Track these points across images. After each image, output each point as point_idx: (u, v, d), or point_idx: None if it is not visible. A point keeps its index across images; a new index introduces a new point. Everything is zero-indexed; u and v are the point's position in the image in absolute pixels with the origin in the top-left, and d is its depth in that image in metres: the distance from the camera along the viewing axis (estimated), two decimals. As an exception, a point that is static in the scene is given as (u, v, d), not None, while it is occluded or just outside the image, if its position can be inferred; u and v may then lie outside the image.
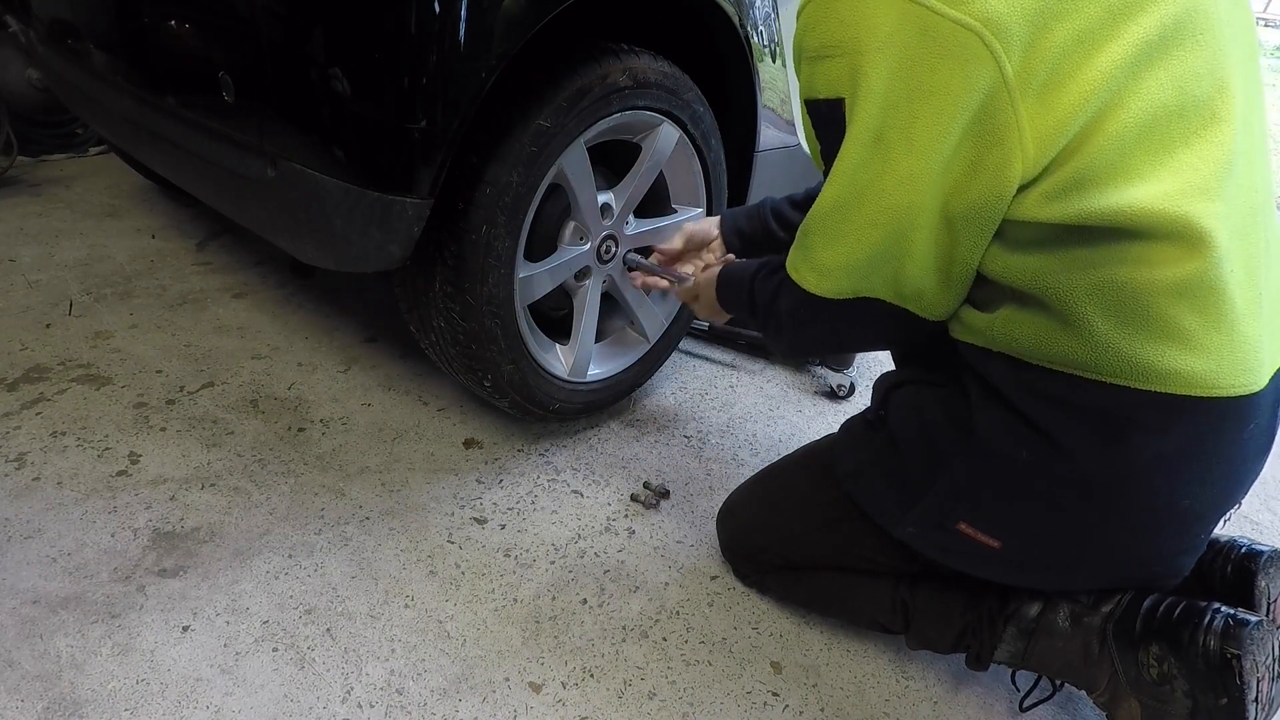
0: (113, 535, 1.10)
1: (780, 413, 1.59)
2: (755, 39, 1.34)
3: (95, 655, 0.93)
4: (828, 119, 0.78)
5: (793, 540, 1.06)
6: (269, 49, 0.97)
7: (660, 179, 1.38)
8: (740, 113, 1.42)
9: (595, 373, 1.41)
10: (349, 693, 0.93)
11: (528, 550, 1.17)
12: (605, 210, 1.29)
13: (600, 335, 1.45)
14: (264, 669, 0.94)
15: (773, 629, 1.09)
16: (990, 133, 0.70)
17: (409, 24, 0.89)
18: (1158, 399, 0.73)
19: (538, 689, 0.96)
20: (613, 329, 1.50)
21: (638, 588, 1.13)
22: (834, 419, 1.58)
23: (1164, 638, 0.83)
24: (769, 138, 1.48)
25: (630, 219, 1.35)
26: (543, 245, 1.25)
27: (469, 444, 1.38)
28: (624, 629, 1.06)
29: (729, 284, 1.06)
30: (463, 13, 0.90)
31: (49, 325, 1.58)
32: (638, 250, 1.36)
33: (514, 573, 1.13)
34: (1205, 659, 0.80)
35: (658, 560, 1.18)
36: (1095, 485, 0.78)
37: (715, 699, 0.98)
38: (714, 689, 0.99)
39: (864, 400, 1.65)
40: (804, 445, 1.14)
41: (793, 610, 1.11)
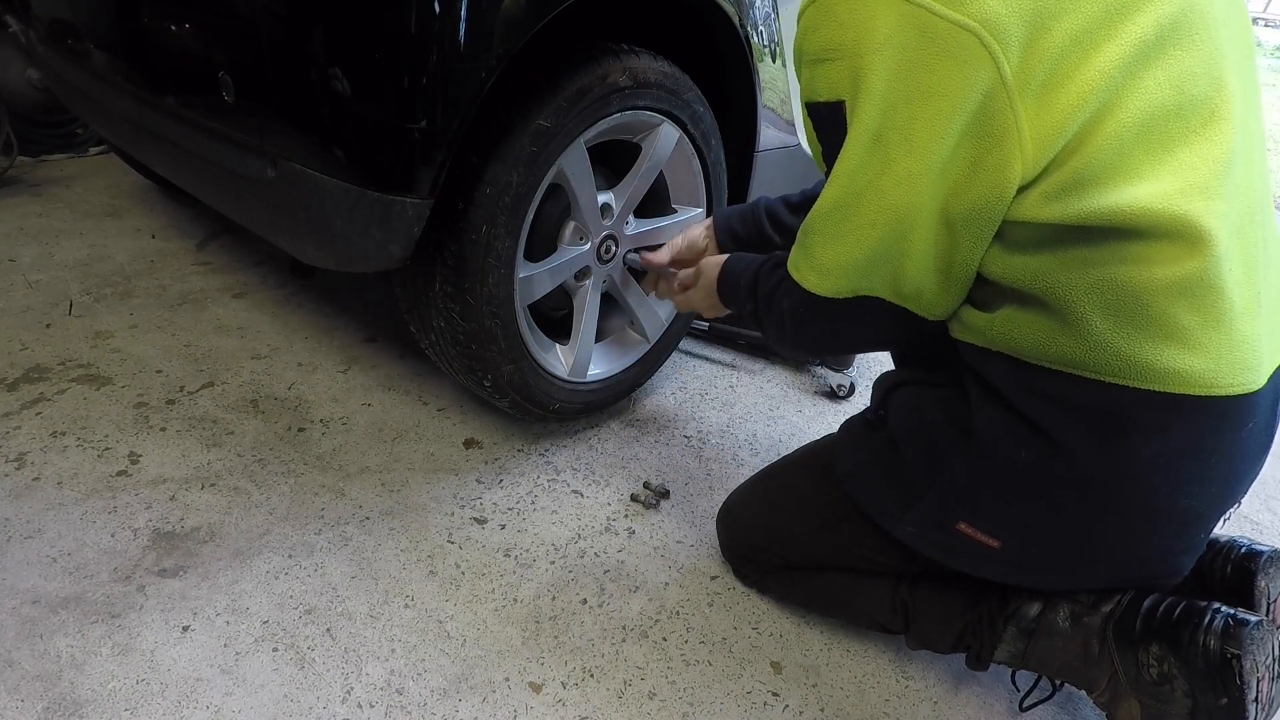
0: (113, 535, 1.10)
1: (780, 413, 1.60)
2: (755, 39, 1.34)
3: (95, 655, 0.94)
4: (829, 121, 0.79)
5: (793, 540, 1.06)
6: (269, 49, 0.97)
7: (660, 179, 1.38)
8: (740, 113, 1.42)
9: (595, 373, 1.41)
10: (349, 693, 0.93)
11: (528, 550, 1.17)
12: (605, 210, 1.29)
13: (600, 335, 1.45)
14: (264, 669, 0.94)
15: (773, 629, 1.09)
16: (989, 133, 0.70)
17: (409, 24, 0.89)
18: (1157, 398, 0.73)
19: (538, 689, 0.96)
20: (613, 329, 1.50)
21: (638, 588, 1.13)
22: (834, 419, 1.58)
23: (1164, 638, 0.83)
24: (769, 138, 1.48)
25: (630, 219, 1.35)
26: (543, 245, 1.25)
27: (469, 444, 1.38)
28: (624, 629, 1.06)
29: (730, 277, 1.05)
30: (463, 13, 0.90)
31: (49, 325, 1.58)
32: (636, 250, 1.36)
33: (514, 573, 1.13)
34: (1205, 659, 0.80)
35: (658, 560, 1.18)
36: (1094, 485, 0.78)
37: (715, 699, 0.98)
38: (714, 689, 0.99)
39: (864, 400, 1.65)
40: (804, 445, 1.14)
41: (793, 610, 1.12)
